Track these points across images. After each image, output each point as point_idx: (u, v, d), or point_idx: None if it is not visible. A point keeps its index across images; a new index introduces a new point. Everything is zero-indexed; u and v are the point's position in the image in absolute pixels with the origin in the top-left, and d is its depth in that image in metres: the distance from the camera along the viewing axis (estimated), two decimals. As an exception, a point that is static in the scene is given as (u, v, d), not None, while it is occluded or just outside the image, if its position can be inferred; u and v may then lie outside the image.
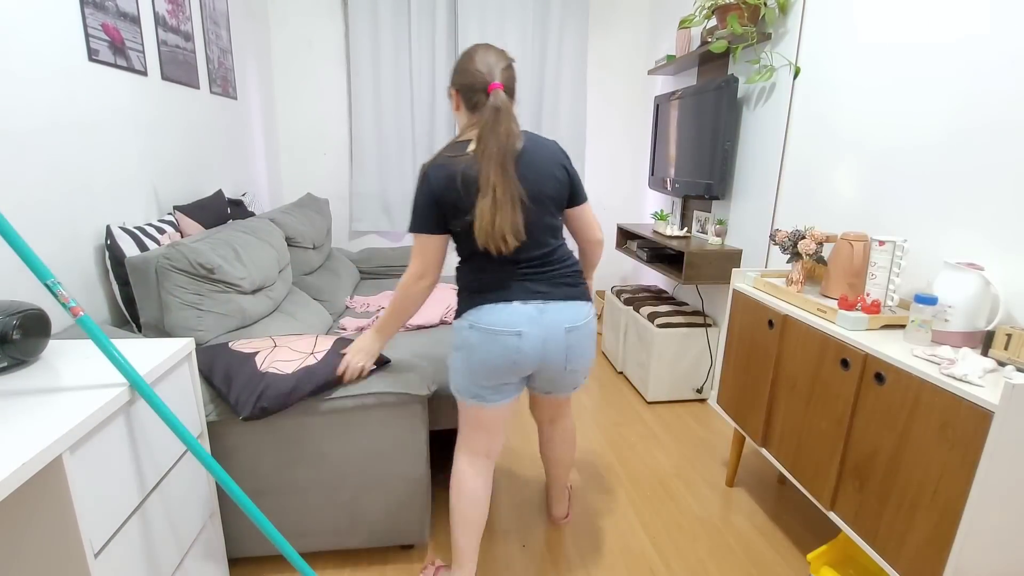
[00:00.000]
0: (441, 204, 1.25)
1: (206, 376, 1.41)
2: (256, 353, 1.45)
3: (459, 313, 1.34)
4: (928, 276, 1.54)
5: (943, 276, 1.32)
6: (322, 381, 1.39)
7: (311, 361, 1.43)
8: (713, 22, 2.43)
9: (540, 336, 1.27)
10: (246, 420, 1.34)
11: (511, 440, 2.29)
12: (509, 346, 1.26)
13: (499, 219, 1.20)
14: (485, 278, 1.30)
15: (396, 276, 3.18)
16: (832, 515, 1.42)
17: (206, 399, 1.39)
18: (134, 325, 1.63)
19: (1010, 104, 1.31)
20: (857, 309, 1.45)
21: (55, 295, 0.91)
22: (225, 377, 1.38)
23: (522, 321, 1.26)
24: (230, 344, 1.49)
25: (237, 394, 1.34)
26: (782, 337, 1.62)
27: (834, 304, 1.53)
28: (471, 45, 1.32)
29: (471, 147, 1.23)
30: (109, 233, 1.55)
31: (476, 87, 1.25)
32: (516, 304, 1.27)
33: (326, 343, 1.54)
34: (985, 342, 1.23)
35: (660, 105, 3.03)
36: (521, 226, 1.23)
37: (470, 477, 1.40)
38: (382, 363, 1.52)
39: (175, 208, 1.86)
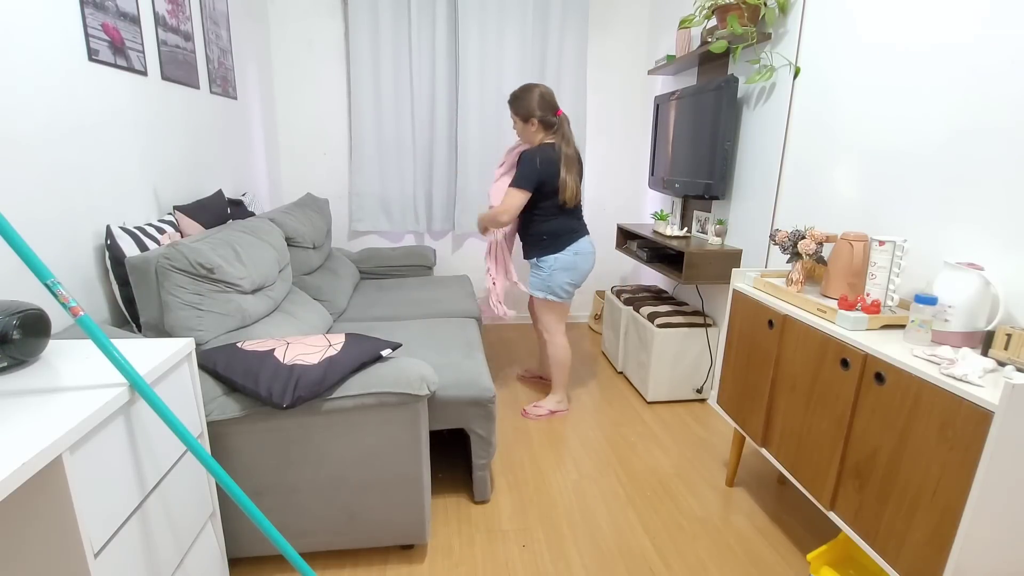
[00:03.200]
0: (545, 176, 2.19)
1: (223, 375, 1.41)
2: (273, 350, 1.46)
3: (560, 248, 2.26)
4: (928, 276, 1.54)
5: (943, 276, 1.32)
6: (348, 369, 1.44)
7: (332, 352, 1.48)
8: (713, 22, 2.43)
9: (594, 254, 2.37)
10: (288, 408, 1.36)
11: (512, 448, 2.29)
12: (593, 261, 2.35)
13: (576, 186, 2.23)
14: (573, 223, 2.29)
15: (396, 276, 3.18)
16: (832, 515, 1.42)
17: (206, 398, 1.39)
18: (134, 325, 1.63)
19: (1010, 104, 1.31)
20: (857, 309, 1.45)
21: (55, 295, 0.91)
22: (248, 373, 1.39)
23: (593, 247, 2.36)
24: (239, 344, 1.50)
25: (269, 387, 1.36)
26: (782, 337, 1.62)
27: (834, 304, 1.53)
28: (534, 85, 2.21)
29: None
30: (109, 233, 1.55)
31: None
32: (588, 237, 2.35)
33: (339, 336, 1.58)
34: (985, 342, 1.23)
35: (660, 105, 3.03)
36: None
37: (567, 342, 2.46)
38: (395, 346, 1.58)
39: (175, 208, 1.86)
